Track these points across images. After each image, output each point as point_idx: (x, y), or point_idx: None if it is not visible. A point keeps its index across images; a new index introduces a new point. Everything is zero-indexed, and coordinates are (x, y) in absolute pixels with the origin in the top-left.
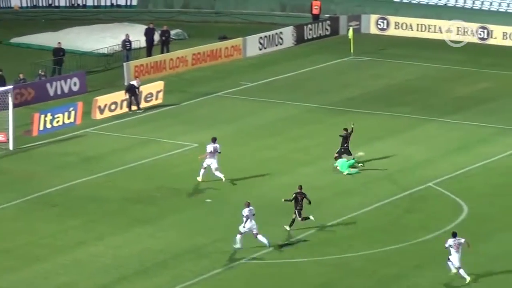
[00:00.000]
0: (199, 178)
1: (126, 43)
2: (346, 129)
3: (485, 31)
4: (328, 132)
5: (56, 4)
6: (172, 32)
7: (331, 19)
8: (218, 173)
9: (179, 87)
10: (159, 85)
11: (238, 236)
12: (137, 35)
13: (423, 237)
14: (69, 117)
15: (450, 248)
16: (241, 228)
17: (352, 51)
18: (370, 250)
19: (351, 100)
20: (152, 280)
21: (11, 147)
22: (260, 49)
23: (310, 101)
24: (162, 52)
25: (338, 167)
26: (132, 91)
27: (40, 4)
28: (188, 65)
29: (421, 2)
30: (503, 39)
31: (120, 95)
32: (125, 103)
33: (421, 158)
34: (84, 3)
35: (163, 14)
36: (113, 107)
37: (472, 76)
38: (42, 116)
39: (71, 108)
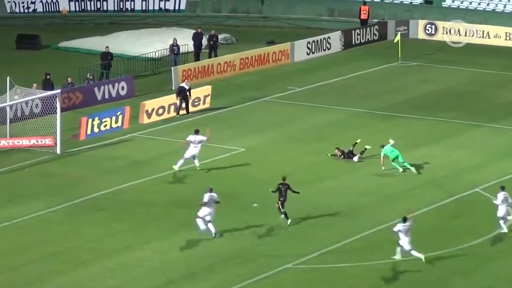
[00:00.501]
0: (176, 167)
1: (174, 47)
2: (339, 149)
3: None
4: (375, 137)
5: (104, 8)
6: (220, 36)
7: (379, 24)
8: (196, 161)
9: (227, 91)
10: (207, 89)
11: (197, 220)
12: (185, 40)
13: (469, 243)
14: (116, 121)
15: (399, 233)
16: (199, 213)
17: (399, 56)
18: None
19: (398, 105)
20: (199, 285)
21: (58, 151)
22: (308, 54)
23: (357, 106)
24: (210, 57)
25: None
26: (183, 93)
27: (88, 8)
28: (236, 69)
29: (469, 8)
30: None
31: (168, 100)
32: (172, 108)
33: (468, 163)
34: (132, 7)
35: (211, 18)
36: (160, 111)
37: None
38: (90, 120)
39: (118, 112)
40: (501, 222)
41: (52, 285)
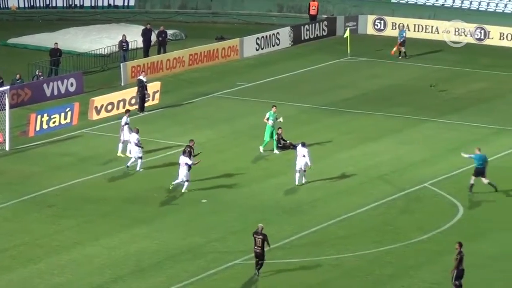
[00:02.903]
0: (119, 153)
1: (123, 43)
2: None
3: (482, 31)
4: (324, 132)
5: (53, 4)
6: (169, 32)
7: (328, 19)
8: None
9: (176, 87)
10: (156, 85)
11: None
12: (134, 36)
13: (418, 238)
14: (65, 118)
15: None
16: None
17: (349, 51)
18: (366, 251)
19: (347, 101)
20: (148, 281)
21: (7, 148)
22: (257, 50)
23: (306, 101)
24: (159, 53)
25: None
26: (144, 86)
27: (37, 5)
28: (185, 65)
29: (418, 3)
30: (500, 39)
31: (117, 96)
32: (121, 104)
33: (417, 158)
34: (81, 3)
35: (160, 14)
36: (109, 107)
37: (468, 77)
38: (39, 116)
39: (67, 109)
40: None
41: (1, 281)
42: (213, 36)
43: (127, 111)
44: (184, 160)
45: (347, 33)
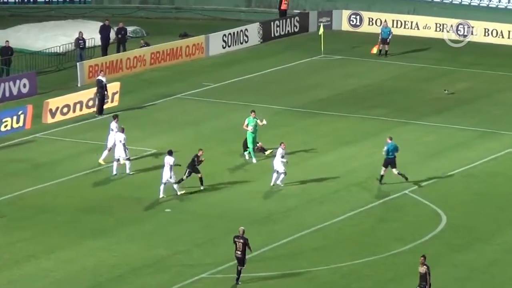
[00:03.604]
0: (101, 161)
1: (80, 41)
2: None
3: (465, 27)
4: (297, 136)
5: None
6: (129, 29)
7: (300, 15)
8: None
9: (137, 88)
10: (115, 86)
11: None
12: (92, 33)
13: (398, 249)
14: (17, 121)
15: None
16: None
17: (322, 49)
18: (342, 263)
19: (321, 102)
20: None
21: None
22: (224, 48)
23: (277, 103)
24: (118, 51)
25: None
26: (103, 87)
27: None
28: (146, 64)
29: None
30: (485, 35)
31: (73, 97)
32: (78, 106)
33: (396, 163)
34: None
35: (120, 10)
36: (65, 110)
37: (451, 76)
38: None
39: (20, 112)
40: None
41: None
42: (177, 33)
43: (115, 116)
44: (168, 160)
45: (320, 30)
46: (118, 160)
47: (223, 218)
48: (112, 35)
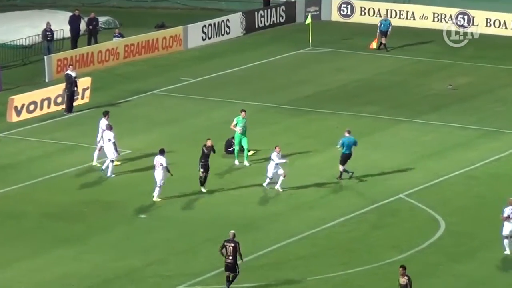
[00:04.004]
0: (95, 163)
1: (47, 33)
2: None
3: (466, 17)
4: (283, 136)
5: None
6: (101, 20)
7: (287, 4)
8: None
9: (109, 84)
10: (86, 81)
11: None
12: (60, 24)
13: (393, 258)
14: None
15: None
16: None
17: (310, 41)
18: (332, 273)
19: (309, 98)
20: None
21: None
22: (204, 40)
23: (261, 99)
24: (89, 44)
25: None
26: (72, 83)
27: None
28: (120, 58)
29: None
30: (486, 26)
31: (40, 94)
32: (46, 103)
33: (391, 165)
34: None
35: None
36: (32, 107)
37: (450, 70)
38: None
39: None
40: (505, 241)
41: None
42: (153, 24)
43: (106, 112)
44: (159, 160)
45: (308, 20)
46: (113, 161)
47: (203, 224)
48: (83, 26)
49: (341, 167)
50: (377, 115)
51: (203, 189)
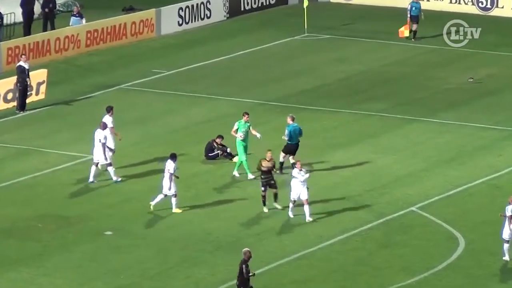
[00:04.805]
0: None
1: None
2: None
3: None
4: (273, 138)
5: None
6: (59, 1)
7: None
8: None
9: (69, 77)
10: (41, 74)
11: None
12: (11, 7)
13: (403, 281)
14: None
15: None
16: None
17: (306, 26)
18: None
19: (304, 94)
20: None
21: None
22: (180, 25)
23: (248, 95)
24: (45, 30)
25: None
26: (25, 76)
27: None
28: (81, 47)
29: None
30: None
31: None
32: None
33: (401, 172)
34: None
35: None
36: None
37: (469, 60)
38: None
39: None
40: (506, 246)
41: None
42: (120, 6)
43: (110, 108)
44: (168, 166)
45: (306, 2)
46: (97, 164)
47: (179, 243)
48: (37, 9)
49: (282, 157)
50: (384, 114)
51: (278, 206)
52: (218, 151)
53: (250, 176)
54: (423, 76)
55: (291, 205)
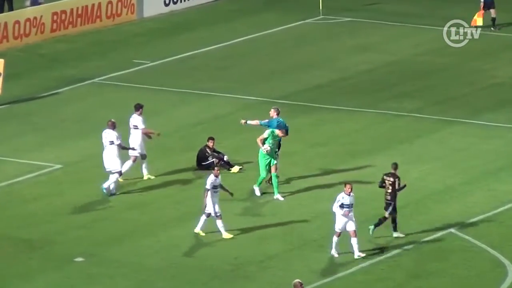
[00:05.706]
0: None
1: None
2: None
3: None
4: (282, 142)
5: None
6: None
7: None
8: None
9: (30, 69)
10: None
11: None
12: None
13: None
14: None
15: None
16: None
17: (321, 7)
18: None
19: (318, 90)
20: None
21: None
22: (167, 5)
23: (248, 91)
24: (1, 11)
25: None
26: None
27: None
28: (46, 32)
29: None
30: None
31: None
32: None
33: (437, 186)
34: None
35: None
36: None
37: None
38: None
39: None
40: None
41: None
42: None
43: (140, 106)
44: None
45: None
46: (120, 172)
47: (165, 272)
48: None
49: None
50: (417, 114)
51: (400, 235)
52: (213, 159)
53: (279, 197)
54: (465, 68)
55: (335, 239)
